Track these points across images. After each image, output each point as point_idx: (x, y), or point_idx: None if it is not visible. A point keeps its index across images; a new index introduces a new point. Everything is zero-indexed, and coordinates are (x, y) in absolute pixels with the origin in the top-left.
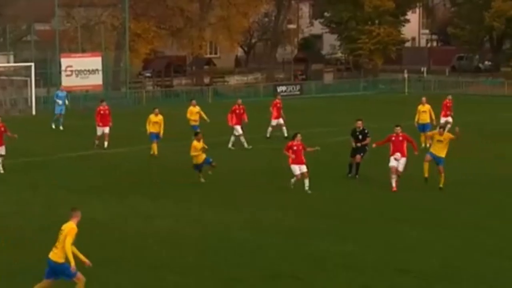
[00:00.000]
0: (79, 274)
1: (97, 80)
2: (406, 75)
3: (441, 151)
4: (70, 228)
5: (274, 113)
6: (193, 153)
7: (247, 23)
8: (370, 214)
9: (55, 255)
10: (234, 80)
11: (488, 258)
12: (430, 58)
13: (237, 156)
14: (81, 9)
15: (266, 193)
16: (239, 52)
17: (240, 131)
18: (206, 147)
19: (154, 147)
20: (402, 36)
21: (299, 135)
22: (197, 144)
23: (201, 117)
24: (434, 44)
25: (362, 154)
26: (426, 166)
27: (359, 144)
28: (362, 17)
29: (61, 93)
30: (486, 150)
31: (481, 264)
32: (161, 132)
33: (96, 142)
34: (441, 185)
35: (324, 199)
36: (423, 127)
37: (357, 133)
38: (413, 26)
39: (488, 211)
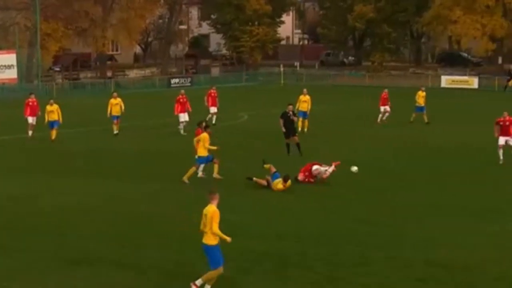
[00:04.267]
0: (221, 269)
1: (12, 74)
2: (281, 69)
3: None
4: (212, 212)
5: (210, 102)
6: (207, 145)
7: (144, 24)
8: (260, 189)
9: (207, 239)
10: (133, 73)
11: (355, 224)
12: (302, 54)
13: (151, 139)
14: None
15: (171, 170)
16: (137, 49)
17: (184, 119)
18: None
19: (53, 133)
20: (278, 35)
21: (203, 124)
22: (208, 137)
23: (121, 108)
24: (305, 42)
25: (296, 133)
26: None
27: (293, 124)
28: (243, 19)
29: None
30: (354, 133)
31: (350, 229)
32: (60, 118)
33: (30, 132)
34: None
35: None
36: (303, 114)
37: (290, 116)
38: (287, 27)
39: (358, 187)
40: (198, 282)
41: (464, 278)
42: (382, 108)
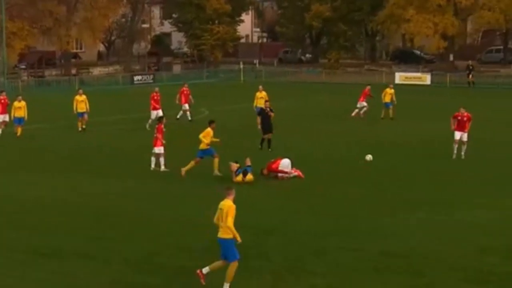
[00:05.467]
0: (237, 262)
1: None
2: (241, 66)
3: None
4: (229, 207)
5: (183, 99)
6: (206, 139)
7: (107, 23)
8: (228, 182)
9: (222, 233)
10: (97, 71)
11: (312, 216)
12: (261, 52)
13: (117, 135)
14: None
15: (138, 165)
16: (101, 47)
17: (159, 115)
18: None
19: (18, 129)
20: (237, 33)
21: (164, 119)
22: (211, 132)
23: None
24: (264, 40)
25: (272, 130)
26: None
27: (270, 120)
28: (204, 18)
29: None
30: (312, 128)
31: (305, 219)
32: (25, 116)
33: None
34: None
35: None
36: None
37: (266, 112)
38: (246, 26)
39: (316, 179)
40: (225, 286)
41: (418, 268)
42: (359, 104)
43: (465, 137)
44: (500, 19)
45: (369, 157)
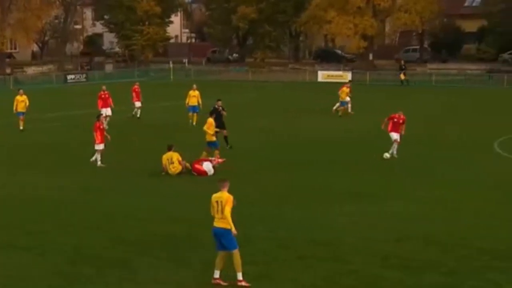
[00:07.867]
0: (237, 250)
1: None
2: (171, 65)
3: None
4: (227, 197)
5: (135, 97)
6: (210, 130)
7: (41, 24)
8: (168, 177)
9: (220, 223)
10: (31, 70)
11: (240, 206)
12: (190, 51)
13: (53, 132)
14: None
15: (74, 160)
16: (35, 47)
17: (106, 113)
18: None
19: None
20: (167, 34)
21: (101, 117)
22: (214, 122)
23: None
24: (193, 40)
25: (225, 127)
26: None
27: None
28: (135, 19)
29: None
30: (242, 125)
31: (236, 210)
32: None
33: None
34: None
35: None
36: (193, 109)
37: (219, 111)
38: (176, 26)
39: (245, 170)
40: (239, 276)
41: (342, 256)
42: (343, 102)
43: (398, 138)
44: (416, 20)
45: (386, 155)
